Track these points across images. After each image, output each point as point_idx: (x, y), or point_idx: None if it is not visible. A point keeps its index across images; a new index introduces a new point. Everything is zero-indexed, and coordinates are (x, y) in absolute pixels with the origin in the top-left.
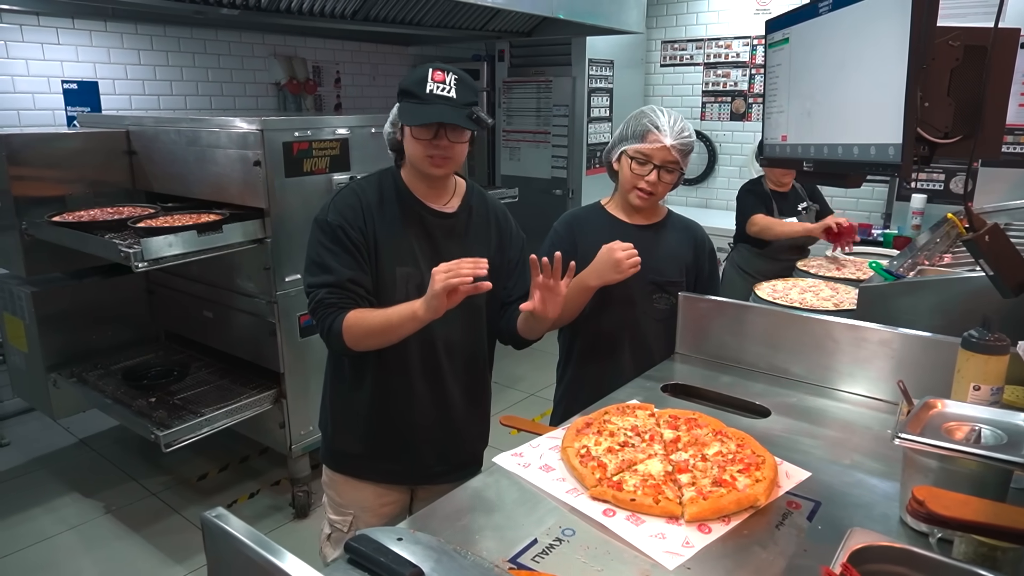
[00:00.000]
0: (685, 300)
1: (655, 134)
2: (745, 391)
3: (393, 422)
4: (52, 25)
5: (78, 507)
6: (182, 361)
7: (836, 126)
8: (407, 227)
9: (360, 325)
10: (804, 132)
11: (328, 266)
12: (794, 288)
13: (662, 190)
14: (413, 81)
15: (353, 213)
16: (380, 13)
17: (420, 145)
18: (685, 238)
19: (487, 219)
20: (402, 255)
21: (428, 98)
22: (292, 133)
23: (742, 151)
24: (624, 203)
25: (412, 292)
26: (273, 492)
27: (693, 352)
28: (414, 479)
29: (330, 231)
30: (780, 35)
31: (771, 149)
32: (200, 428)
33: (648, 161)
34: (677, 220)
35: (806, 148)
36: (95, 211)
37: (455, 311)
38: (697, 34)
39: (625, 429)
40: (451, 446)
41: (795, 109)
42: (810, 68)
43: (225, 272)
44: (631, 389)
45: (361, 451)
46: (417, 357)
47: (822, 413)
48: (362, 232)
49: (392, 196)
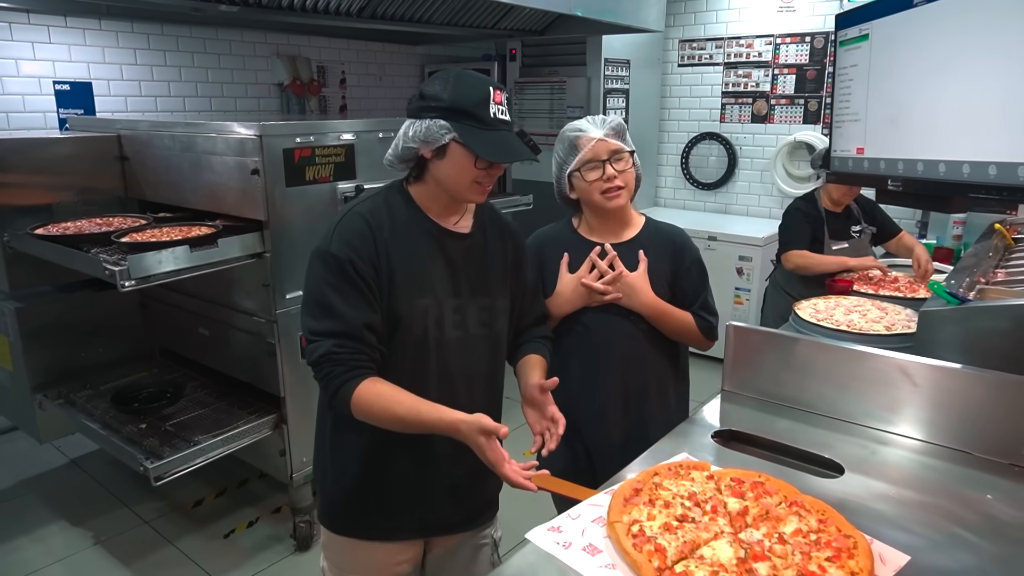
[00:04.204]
0: (734, 331)
1: (584, 135)
2: (807, 439)
3: (405, 469)
4: (43, 23)
5: (65, 536)
6: (176, 381)
7: (934, 139)
8: (424, 254)
9: (379, 405)
10: (888, 144)
11: (335, 310)
12: (838, 308)
13: (627, 179)
14: (474, 102)
15: (363, 242)
16: (388, 10)
17: (475, 174)
18: (663, 248)
19: (502, 237)
20: (421, 286)
21: (493, 123)
22: (293, 139)
23: (763, 155)
24: (595, 223)
25: (431, 327)
26: (274, 521)
27: (741, 390)
28: (429, 531)
29: (337, 266)
30: (856, 31)
31: (842, 163)
32: (193, 459)
33: (596, 162)
34: (654, 230)
35: (891, 164)
36: (83, 222)
37: (479, 342)
38: (717, 32)
39: (682, 497)
40: (468, 492)
41: (876, 117)
42: (898, 69)
43: (222, 288)
44: (676, 438)
45: (369, 507)
46: (435, 393)
47: (902, 469)
48: (374, 266)
49: (405, 219)
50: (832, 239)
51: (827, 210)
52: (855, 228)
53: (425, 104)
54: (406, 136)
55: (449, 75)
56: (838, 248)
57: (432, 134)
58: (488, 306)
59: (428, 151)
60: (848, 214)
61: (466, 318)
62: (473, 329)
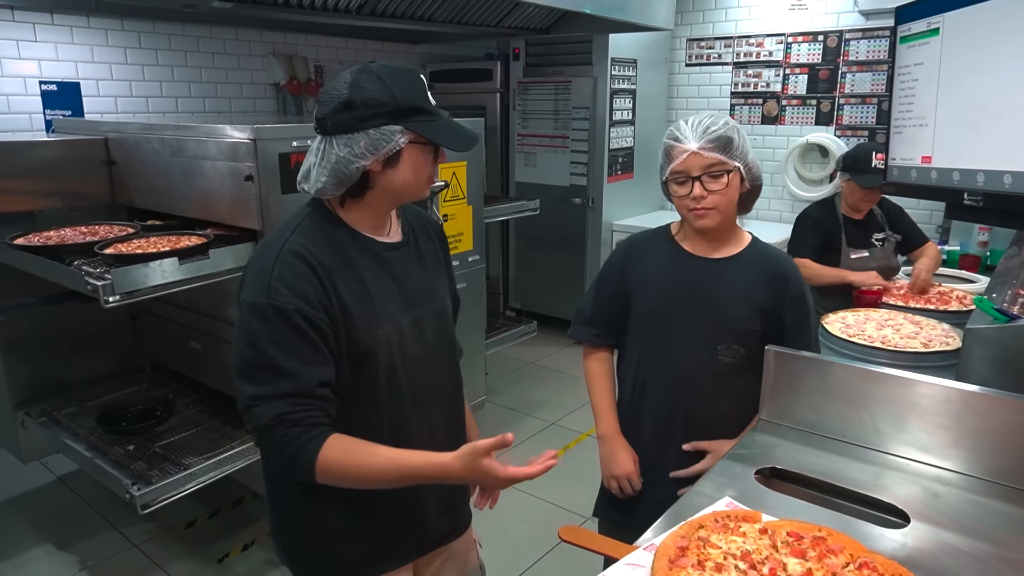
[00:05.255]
0: (773, 356)
1: (678, 146)
2: (859, 479)
3: (395, 495)
4: (29, 20)
5: (50, 562)
6: (167, 398)
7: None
8: (371, 277)
9: (353, 462)
10: (965, 154)
11: (285, 369)
12: (868, 322)
13: (719, 201)
14: (415, 95)
15: (309, 285)
16: (387, 8)
17: (429, 171)
18: (762, 273)
19: (427, 232)
20: (378, 315)
21: (436, 111)
22: (290, 143)
23: (774, 157)
24: (691, 233)
25: (395, 350)
26: (270, 544)
27: (782, 420)
28: (427, 548)
29: (284, 320)
30: (924, 25)
31: (903, 173)
32: (184, 484)
33: (685, 177)
34: (758, 251)
35: (968, 175)
36: (66, 230)
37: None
38: (726, 31)
39: (734, 557)
40: (457, 499)
41: (950, 123)
42: (978, 67)
43: (215, 299)
44: (718, 478)
45: (363, 547)
46: (413, 418)
47: (973, 517)
48: (326, 309)
49: (342, 245)
50: (851, 247)
51: (846, 216)
52: (878, 236)
53: (365, 112)
54: (350, 154)
55: (373, 74)
56: (857, 257)
57: (385, 142)
58: (440, 310)
59: (378, 162)
60: (871, 221)
61: (423, 330)
62: (431, 338)
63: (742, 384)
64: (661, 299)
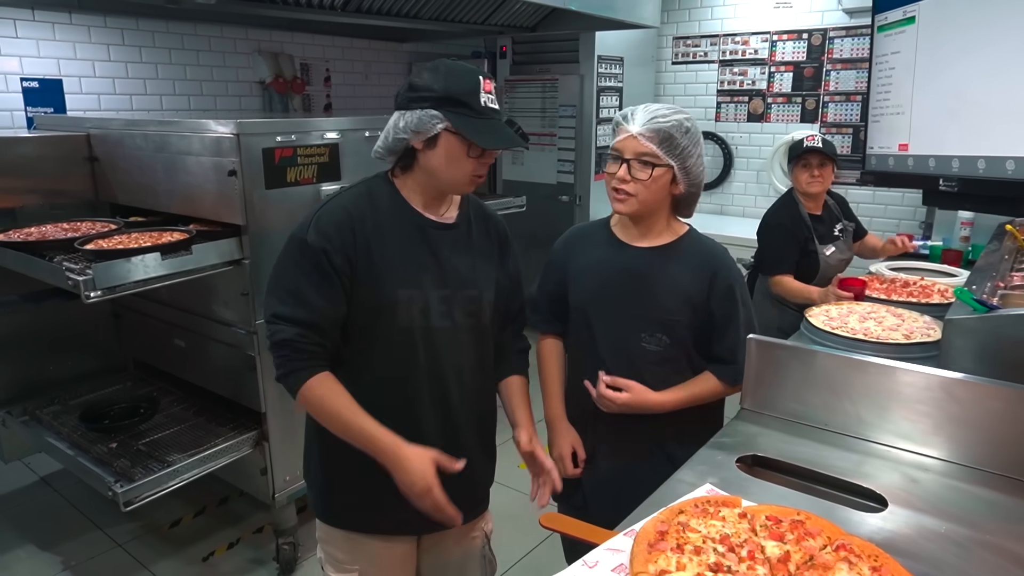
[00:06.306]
0: (755, 345)
1: (623, 125)
2: (840, 465)
3: None
4: (9, 16)
5: (32, 563)
6: (151, 396)
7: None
8: (410, 245)
9: (323, 404)
10: (942, 140)
11: (305, 298)
12: (851, 315)
13: (640, 190)
14: (465, 90)
15: (339, 234)
16: (373, 5)
17: (471, 164)
18: (694, 265)
19: (487, 229)
20: (405, 277)
21: (484, 112)
22: (274, 138)
23: (760, 154)
24: (626, 220)
25: (416, 317)
26: (256, 541)
27: (763, 409)
28: (423, 528)
29: (311, 255)
30: (900, 14)
31: (880, 161)
32: (167, 481)
33: (618, 156)
34: (695, 244)
35: (943, 161)
36: (48, 227)
37: (465, 335)
38: (712, 29)
39: (713, 541)
40: (462, 486)
41: (926, 110)
42: (955, 55)
43: (199, 297)
44: (700, 466)
45: (364, 503)
46: (426, 389)
47: (951, 501)
48: (348, 258)
49: (389, 209)
50: (822, 244)
51: (811, 214)
52: (837, 227)
53: (415, 95)
54: (396, 127)
55: (439, 65)
56: (831, 254)
57: (424, 124)
58: (475, 298)
59: (419, 142)
60: (829, 214)
61: (453, 309)
62: (460, 320)
63: (668, 372)
64: (592, 289)
